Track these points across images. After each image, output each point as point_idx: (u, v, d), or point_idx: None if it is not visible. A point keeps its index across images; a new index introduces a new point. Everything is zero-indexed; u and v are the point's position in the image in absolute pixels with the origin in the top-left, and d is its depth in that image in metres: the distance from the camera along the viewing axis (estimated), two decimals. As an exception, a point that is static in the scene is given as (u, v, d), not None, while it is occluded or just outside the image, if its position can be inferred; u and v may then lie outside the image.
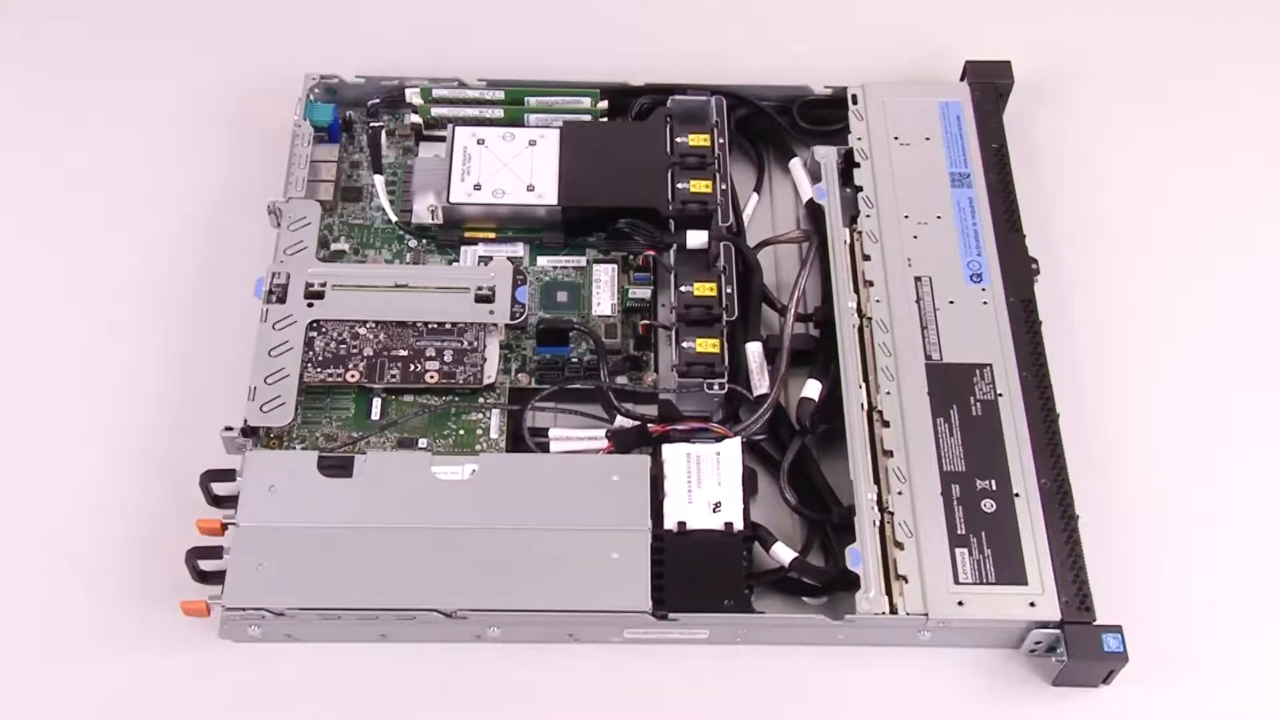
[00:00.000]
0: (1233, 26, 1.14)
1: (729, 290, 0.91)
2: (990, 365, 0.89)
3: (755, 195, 1.02)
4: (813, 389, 0.90)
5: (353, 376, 0.89)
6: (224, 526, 0.82)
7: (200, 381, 0.93)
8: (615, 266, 0.96)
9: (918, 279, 0.93)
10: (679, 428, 0.87)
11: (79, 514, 0.88)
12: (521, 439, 0.89)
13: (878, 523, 0.84)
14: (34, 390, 0.93)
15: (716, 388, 0.89)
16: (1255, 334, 0.98)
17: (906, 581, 0.81)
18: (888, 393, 0.88)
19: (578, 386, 0.90)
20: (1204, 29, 1.14)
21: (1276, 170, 1.06)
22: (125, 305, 0.97)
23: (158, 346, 0.94)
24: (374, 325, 0.91)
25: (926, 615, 0.80)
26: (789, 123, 1.03)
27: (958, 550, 0.82)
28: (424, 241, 0.97)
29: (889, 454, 0.86)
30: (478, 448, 0.88)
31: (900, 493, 0.84)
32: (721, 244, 0.93)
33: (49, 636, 0.84)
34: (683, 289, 0.92)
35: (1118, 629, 0.80)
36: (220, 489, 0.84)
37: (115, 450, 0.90)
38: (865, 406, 0.88)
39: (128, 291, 0.97)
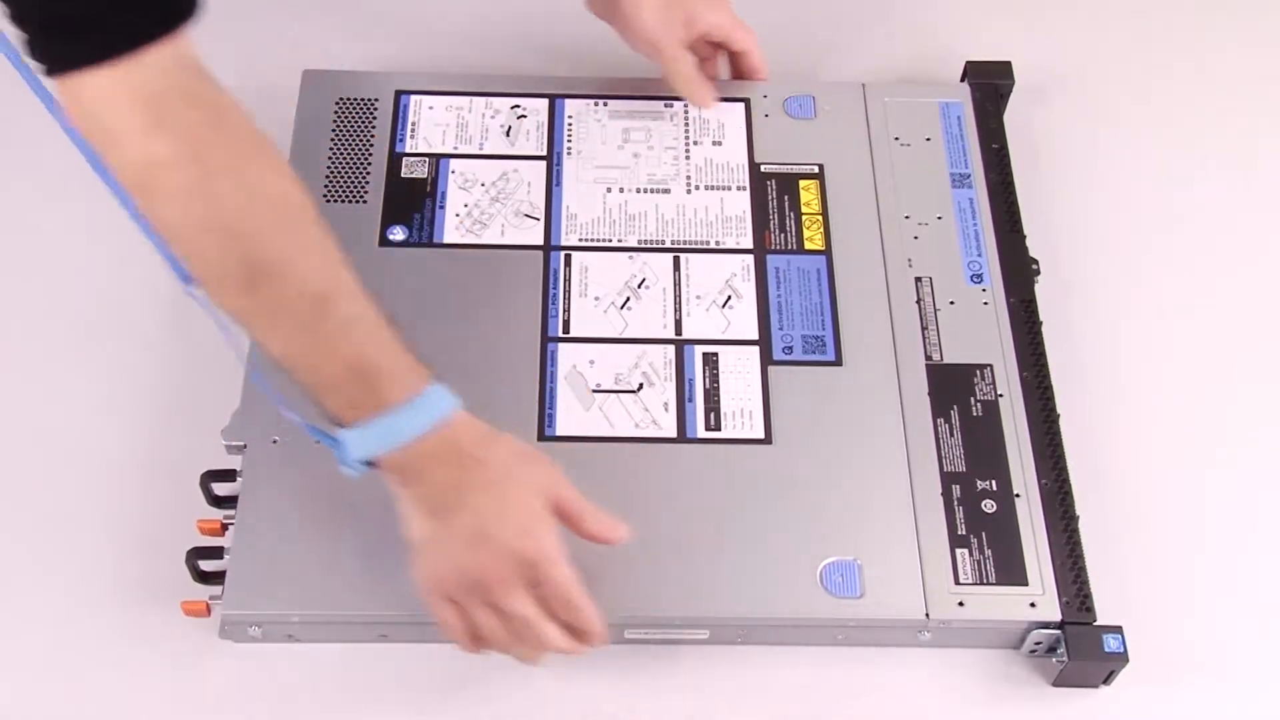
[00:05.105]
0: (1232, 26, 1.14)
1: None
2: (990, 365, 0.89)
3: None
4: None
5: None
6: (224, 526, 0.82)
7: (201, 381, 0.92)
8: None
9: (918, 279, 0.93)
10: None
11: (79, 514, 0.88)
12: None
13: (878, 523, 0.84)
14: (34, 390, 0.93)
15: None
16: (1256, 333, 0.98)
17: (907, 582, 0.82)
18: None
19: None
20: (1203, 29, 1.14)
21: (1277, 169, 1.06)
22: (125, 304, 0.97)
23: (158, 345, 0.94)
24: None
25: (927, 615, 0.80)
26: (789, 123, 1.03)
27: (958, 550, 0.82)
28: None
29: (889, 454, 0.86)
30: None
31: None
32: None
33: (50, 637, 0.84)
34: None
35: (1118, 629, 0.80)
36: (220, 489, 0.84)
37: (115, 450, 0.90)
38: (865, 407, 0.88)
39: (128, 290, 0.97)
